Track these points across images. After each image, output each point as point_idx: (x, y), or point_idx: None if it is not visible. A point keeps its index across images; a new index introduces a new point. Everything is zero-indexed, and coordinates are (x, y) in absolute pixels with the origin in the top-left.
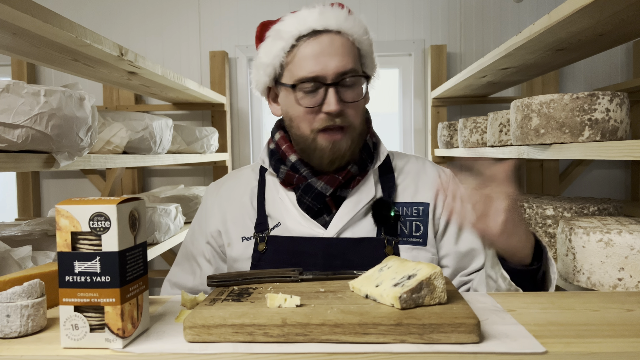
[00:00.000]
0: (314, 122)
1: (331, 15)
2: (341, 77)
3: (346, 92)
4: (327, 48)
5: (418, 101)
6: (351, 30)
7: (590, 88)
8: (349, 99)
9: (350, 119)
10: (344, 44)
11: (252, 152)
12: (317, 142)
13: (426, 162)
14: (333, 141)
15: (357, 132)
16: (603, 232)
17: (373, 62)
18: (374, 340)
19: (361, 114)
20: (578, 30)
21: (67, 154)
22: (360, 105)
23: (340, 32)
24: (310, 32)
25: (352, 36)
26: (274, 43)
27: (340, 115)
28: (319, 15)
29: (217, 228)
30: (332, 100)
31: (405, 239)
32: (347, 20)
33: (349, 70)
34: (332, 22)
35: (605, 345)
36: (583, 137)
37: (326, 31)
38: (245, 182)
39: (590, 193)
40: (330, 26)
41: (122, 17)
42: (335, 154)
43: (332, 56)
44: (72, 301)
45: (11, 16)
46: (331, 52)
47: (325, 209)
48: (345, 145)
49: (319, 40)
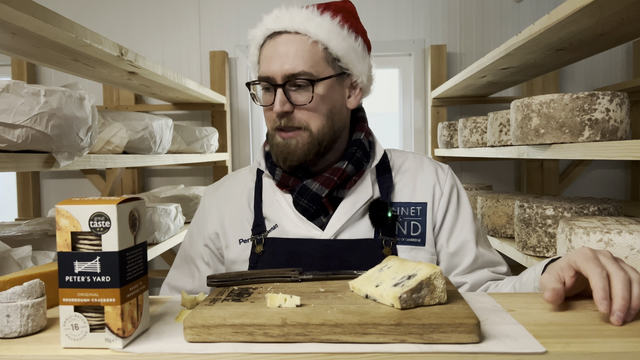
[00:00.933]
0: (270, 121)
1: (287, 16)
2: (288, 79)
3: (295, 94)
4: (278, 49)
5: (418, 101)
6: (314, 30)
7: (590, 88)
8: (297, 102)
9: (302, 122)
10: (300, 45)
11: (252, 152)
12: (274, 139)
13: (424, 159)
14: (284, 138)
15: (316, 136)
16: (603, 232)
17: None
18: (374, 340)
19: (321, 116)
20: (578, 30)
21: (67, 154)
22: (315, 107)
23: (299, 32)
24: (271, 33)
25: (313, 37)
26: (252, 43)
27: (287, 116)
28: (275, 17)
29: (215, 230)
30: (277, 101)
31: (403, 239)
32: (309, 20)
33: (298, 72)
34: (286, 23)
35: (605, 345)
36: (583, 137)
37: (285, 32)
38: (242, 183)
39: (590, 193)
40: (286, 27)
41: (122, 17)
42: (285, 151)
43: (281, 58)
44: (72, 301)
45: (11, 16)
46: (281, 53)
47: (322, 210)
48: (295, 144)
49: (275, 42)
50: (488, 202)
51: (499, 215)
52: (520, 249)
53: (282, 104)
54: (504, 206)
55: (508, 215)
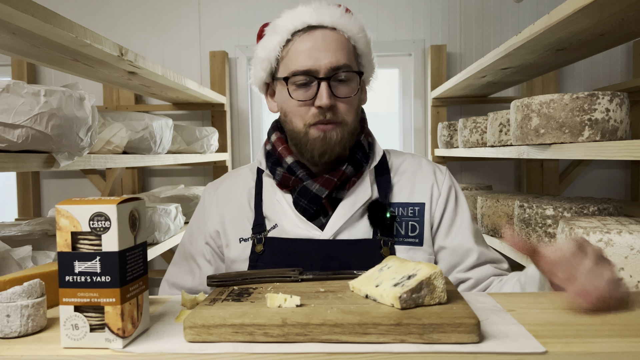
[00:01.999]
0: (306, 116)
1: (326, 11)
2: (334, 71)
3: (339, 87)
4: (321, 43)
5: (418, 101)
6: (346, 27)
7: (590, 88)
8: (342, 95)
9: (342, 115)
10: (338, 39)
11: (252, 152)
12: (309, 135)
13: (422, 161)
14: (324, 131)
15: (349, 129)
16: (603, 232)
17: (371, 63)
18: (374, 340)
19: (354, 111)
20: (578, 30)
21: (67, 154)
22: (353, 101)
23: (335, 28)
24: (305, 27)
25: (347, 33)
26: (270, 38)
27: (332, 110)
28: (313, 11)
29: (216, 228)
30: (324, 94)
31: (401, 240)
32: (342, 17)
33: (342, 65)
34: (326, 18)
35: (605, 345)
36: (583, 137)
37: (321, 27)
38: (243, 182)
39: (590, 193)
40: (324, 22)
41: (122, 17)
42: (326, 145)
43: (325, 51)
44: (72, 301)
45: (11, 16)
46: (325, 47)
47: (321, 210)
48: (335, 137)
49: (313, 35)
50: (488, 202)
51: (499, 215)
52: None
53: (329, 97)
54: (504, 206)
55: (508, 215)
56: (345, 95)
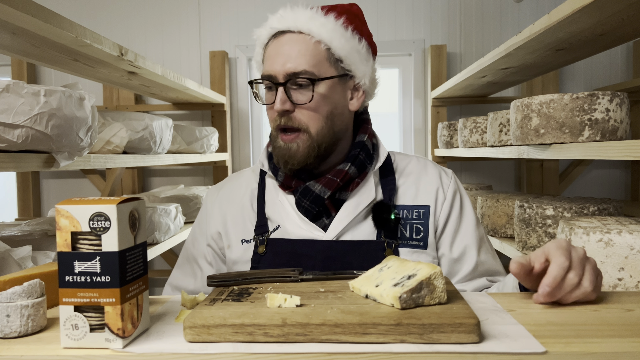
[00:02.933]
0: (272, 120)
1: (291, 16)
2: (289, 77)
3: (296, 93)
4: (283, 48)
5: (418, 101)
6: (315, 31)
7: (590, 88)
8: (297, 101)
9: (302, 123)
10: (302, 44)
11: (252, 152)
12: (277, 141)
13: (428, 163)
14: (285, 141)
15: (316, 138)
16: (603, 232)
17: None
18: (374, 340)
19: (321, 118)
20: (578, 30)
21: (67, 154)
22: (316, 107)
23: (302, 32)
24: (275, 32)
25: (316, 37)
26: (257, 42)
27: (287, 115)
28: (280, 17)
29: (218, 230)
30: (277, 99)
31: (405, 242)
32: (312, 20)
33: (300, 72)
34: (290, 22)
35: (605, 345)
36: (583, 137)
37: (288, 32)
38: (245, 184)
39: (590, 193)
40: (290, 27)
41: (122, 17)
42: (287, 155)
43: (284, 56)
44: (72, 301)
45: (11, 16)
46: (284, 52)
47: (324, 211)
48: (296, 148)
49: (278, 41)
50: (488, 202)
51: (499, 215)
52: (520, 249)
53: (282, 103)
54: (504, 206)
55: (508, 215)
56: (301, 102)
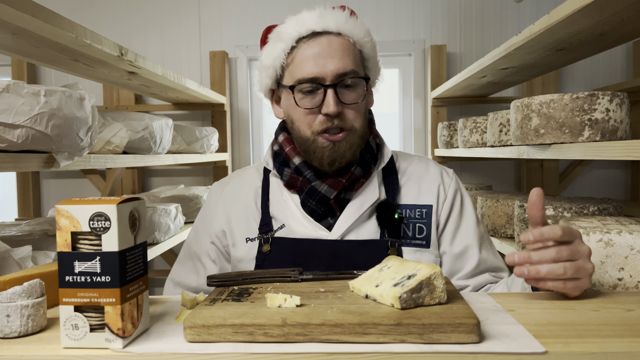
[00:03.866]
0: (313, 124)
1: (330, 17)
2: (340, 78)
3: (345, 94)
4: (326, 49)
5: (418, 101)
6: (352, 32)
7: (590, 88)
8: (349, 101)
9: (350, 121)
10: (344, 45)
11: (252, 152)
12: (317, 143)
13: (430, 163)
14: (333, 141)
15: (358, 135)
16: (603, 232)
17: (377, 65)
18: (374, 340)
19: (362, 116)
20: (578, 30)
21: (67, 154)
22: (360, 107)
23: (340, 33)
24: (309, 33)
25: (352, 38)
26: (274, 45)
27: (339, 116)
28: (318, 17)
29: (222, 228)
30: (331, 101)
31: (408, 241)
32: (348, 22)
33: (349, 71)
34: (331, 23)
35: (605, 345)
36: (583, 137)
37: (326, 33)
38: (249, 182)
39: (590, 193)
40: (329, 28)
41: (122, 17)
42: (334, 154)
43: (331, 57)
44: (72, 301)
45: (11, 16)
46: (330, 53)
47: (329, 211)
48: (344, 146)
49: (318, 42)
50: (488, 202)
51: (499, 215)
52: (520, 249)
53: (336, 104)
54: (504, 206)
55: (508, 215)
56: (353, 101)
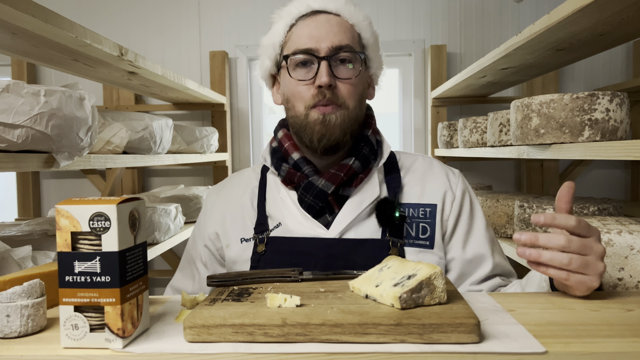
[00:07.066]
0: (306, 97)
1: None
2: (335, 51)
3: (340, 68)
4: (323, 24)
5: (418, 101)
6: (350, 14)
7: (590, 88)
8: (342, 75)
9: (343, 97)
10: (341, 23)
11: (252, 152)
12: (309, 118)
13: (434, 162)
14: (324, 113)
15: (351, 114)
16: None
17: (378, 58)
18: (374, 340)
19: (357, 96)
20: (578, 30)
21: (67, 154)
22: (355, 85)
23: (339, 15)
24: (309, 11)
25: (350, 20)
26: (275, 25)
27: (332, 90)
28: None
29: (215, 230)
30: (324, 72)
31: (411, 242)
32: (347, 4)
33: (344, 45)
34: (330, 4)
35: (605, 345)
36: (583, 137)
37: (325, 12)
38: (245, 183)
39: (590, 193)
40: (328, 7)
41: (122, 17)
42: (324, 128)
43: (327, 32)
44: (72, 301)
45: (11, 16)
46: (327, 28)
47: (327, 208)
48: (335, 120)
49: (315, 18)
50: (488, 202)
51: (499, 215)
52: None
53: (328, 75)
54: (504, 206)
55: (508, 215)
56: (346, 76)
